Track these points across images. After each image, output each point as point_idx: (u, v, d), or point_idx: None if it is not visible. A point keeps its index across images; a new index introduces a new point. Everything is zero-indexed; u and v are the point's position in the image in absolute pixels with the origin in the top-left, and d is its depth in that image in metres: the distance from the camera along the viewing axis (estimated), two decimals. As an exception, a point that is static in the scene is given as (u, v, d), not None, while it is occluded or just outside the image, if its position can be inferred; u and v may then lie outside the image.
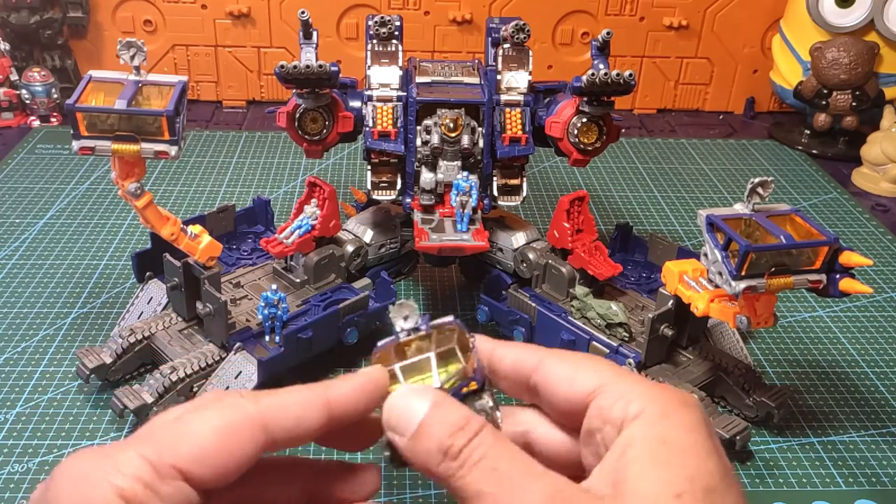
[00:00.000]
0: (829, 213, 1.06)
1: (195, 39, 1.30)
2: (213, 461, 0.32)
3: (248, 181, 1.08)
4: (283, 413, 0.34)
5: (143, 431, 0.33)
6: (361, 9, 1.28)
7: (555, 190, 1.08)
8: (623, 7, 1.31)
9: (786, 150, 1.26)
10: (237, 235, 0.79)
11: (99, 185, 1.04)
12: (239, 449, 0.33)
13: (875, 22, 1.17)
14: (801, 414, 0.69)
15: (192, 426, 0.33)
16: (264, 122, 1.28)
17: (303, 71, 0.63)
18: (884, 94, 1.19)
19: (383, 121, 0.70)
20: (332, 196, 0.71)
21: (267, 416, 0.33)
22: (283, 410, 0.34)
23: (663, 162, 1.20)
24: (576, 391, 0.35)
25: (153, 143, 0.57)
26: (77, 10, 1.24)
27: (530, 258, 0.73)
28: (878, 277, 0.91)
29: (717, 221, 0.55)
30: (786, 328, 0.80)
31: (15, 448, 0.62)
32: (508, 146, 0.71)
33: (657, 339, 0.65)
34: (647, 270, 0.76)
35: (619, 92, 0.66)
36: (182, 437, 0.32)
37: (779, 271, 0.54)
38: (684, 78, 1.38)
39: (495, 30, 0.73)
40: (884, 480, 0.62)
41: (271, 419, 0.34)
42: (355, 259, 0.75)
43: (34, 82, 1.21)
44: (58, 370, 0.70)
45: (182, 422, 0.33)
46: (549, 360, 0.37)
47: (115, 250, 0.89)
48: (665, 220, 1.02)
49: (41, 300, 0.80)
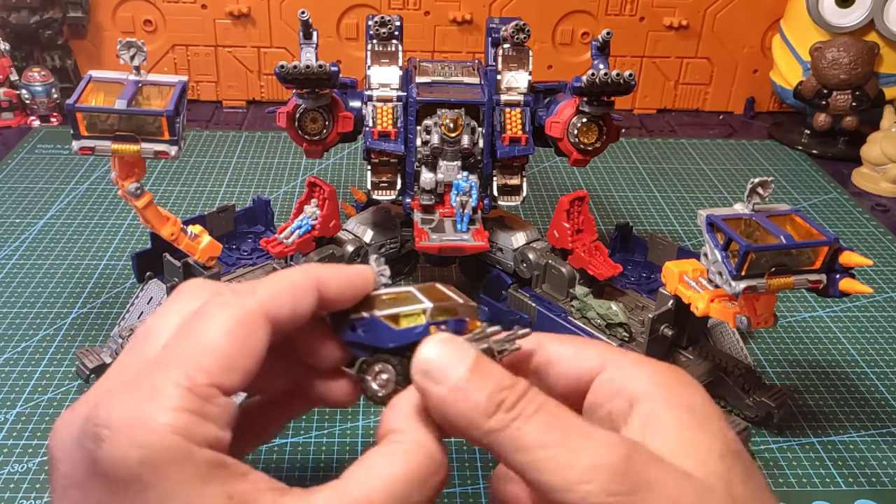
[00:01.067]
0: (829, 213, 1.06)
1: (195, 39, 1.30)
2: (238, 365, 0.31)
3: (248, 181, 1.08)
4: (279, 300, 0.33)
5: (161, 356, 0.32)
6: (361, 9, 1.28)
7: (555, 190, 1.08)
8: (623, 7, 1.31)
9: (786, 150, 1.26)
10: (237, 235, 0.79)
11: (99, 185, 1.04)
12: (255, 345, 0.32)
13: (875, 22, 1.17)
14: (801, 414, 0.69)
15: (205, 336, 0.31)
16: (264, 122, 1.28)
17: (303, 71, 0.63)
18: (884, 94, 1.19)
19: (383, 121, 0.70)
20: (332, 196, 0.71)
21: (267, 306, 0.33)
22: (279, 298, 0.33)
23: (663, 162, 1.20)
24: (579, 367, 0.36)
25: (153, 143, 0.57)
26: (77, 10, 1.24)
27: (530, 258, 0.73)
28: (878, 277, 0.91)
29: (717, 221, 0.55)
30: (786, 328, 0.80)
31: (15, 448, 0.62)
32: (508, 146, 0.71)
33: (657, 339, 0.64)
34: (647, 270, 0.76)
35: (619, 92, 0.66)
36: (202, 350, 0.31)
37: (779, 271, 0.54)
38: (684, 78, 1.38)
39: (495, 30, 0.73)
40: (884, 480, 0.62)
41: (271, 307, 0.33)
42: (355, 259, 0.75)
43: (34, 82, 1.21)
44: (58, 370, 0.70)
45: (193, 334, 0.32)
46: (547, 342, 0.37)
47: (115, 250, 0.89)
48: (665, 220, 1.02)
49: (41, 300, 0.80)
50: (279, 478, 0.31)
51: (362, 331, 0.36)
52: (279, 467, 0.60)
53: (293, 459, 0.61)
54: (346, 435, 0.64)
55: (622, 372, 0.34)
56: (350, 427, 0.65)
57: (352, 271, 0.36)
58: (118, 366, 0.33)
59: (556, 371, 0.36)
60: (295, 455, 0.62)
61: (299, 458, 0.62)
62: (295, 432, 0.64)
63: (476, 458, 0.62)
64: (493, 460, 0.62)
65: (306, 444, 0.63)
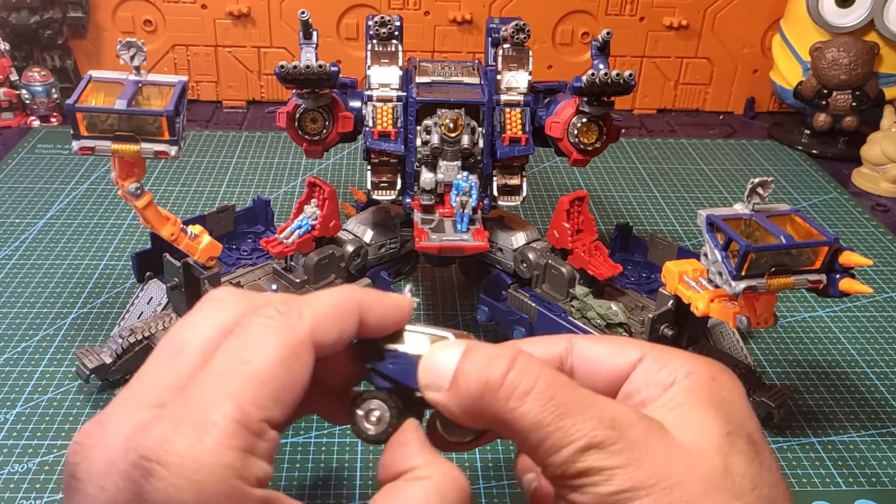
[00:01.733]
0: (829, 213, 1.06)
1: (195, 39, 1.30)
2: (288, 398, 0.30)
3: (248, 181, 1.08)
4: (327, 325, 0.32)
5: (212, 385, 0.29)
6: (361, 9, 1.28)
7: (555, 190, 1.08)
8: (623, 7, 1.31)
9: (786, 150, 1.26)
10: (237, 235, 0.79)
11: (99, 185, 1.04)
12: (304, 375, 0.31)
13: (875, 22, 1.17)
14: (801, 414, 0.69)
15: (257, 365, 0.30)
16: (264, 122, 1.28)
17: (303, 71, 0.63)
18: (884, 94, 1.19)
19: (383, 121, 0.70)
20: (332, 196, 0.71)
21: (315, 331, 0.32)
22: (327, 322, 0.32)
23: (663, 162, 1.20)
24: (619, 363, 0.36)
25: (153, 143, 0.57)
26: (77, 10, 1.24)
27: (530, 258, 0.73)
28: (878, 277, 0.91)
29: (717, 221, 0.55)
30: (786, 328, 0.80)
31: (15, 448, 0.62)
32: (508, 146, 0.71)
33: (657, 339, 0.64)
34: (647, 270, 0.76)
35: (619, 92, 0.66)
36: (255, 381, 0.29)
37: (779, 271, 0.54)
38: (684, 78, 1.38)
39: (495, 30, 0.73)
40: (884, 480, 0.62)
41: (318, 333, 0.32)
42: (355, 259, 0.75)
43: (34, 82, 1.21)
44: (58, 370, 0.70)
45: (244, 361, 0.30)
46: (580, 342, 0.37)
47: (115, 250, 0.89)
48: (665, 220, 1.02)
49: (41, 300, 0.80)
50: (279, 478, 0.31)
51: (391, 363, 0.35)
52: (279, 467, 0.60)
53: (293, 459, 0.61)
54: (346, 435, 0.64)
55: (659, 362, 0.35)
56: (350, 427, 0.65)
57: (393, 301, 0.35)
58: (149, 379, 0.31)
59: (595, 371, 0.36)
60: (295, 455, 0.62)
61: (299, 457, 0.61)
62: (295, 432, 0.64)
63: (476, 458, 0.62)
64: (492, 460, 0.63)
65: (306, 444, 0.63)
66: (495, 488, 0.60)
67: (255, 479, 0.28)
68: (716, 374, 0.34)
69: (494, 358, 0.32)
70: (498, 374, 0.31)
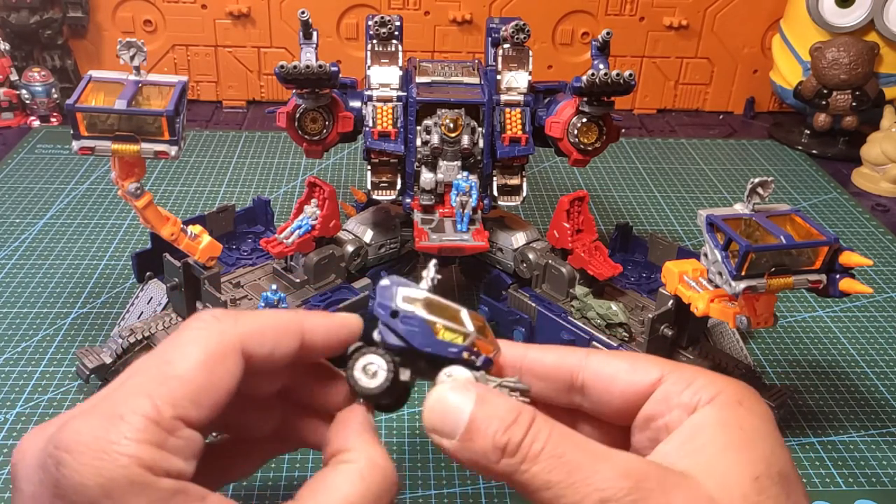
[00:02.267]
0: (829, 213, 1.06)
1: (195, 39, 1.30)
2: (207, 399, 0.31)
3: (248, 181, 1.08)
4: (260, 338, 0.33)
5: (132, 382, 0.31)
6: (361, 9, 1.28)
7: (555, 190, 1.08)
8: (623, 7, 1.31)
9: (786, 150, 1.26)
10: (237, 235, 0.79)
11: (99, 185, 1.04)
12: (227, 379, 0.32)
13: (875, 22, 1.17)
14: (801, 414, 0.69)
15: (177, 365, 0.31)
16: (264, 122, 1.28)
17: (303, 71, 0.63)
18: (884, 94, 1.19)
19: (383, 121, 0.70)
20: (332, 196, 0.71)
21: (246, 340, 0.32)
22: (261, 335, 0.33)
23: (663, 162, 1.20)
24: (638, 382, 0.35)
25: (153, 143, 0.57)
26: (77, 10, 1.24)
27: (530, 258, 0.73)
28: (878, 277, 0.91)
29: (717, 221, 0.55)
30: (786, 328, 0.80)
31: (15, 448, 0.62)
32: (508, 146, 0.71)
33: (657, 339, 0.64)
34: (647, 270, 0.76)
35: (619, 92, 0.66)
36: (172, 380, 0.31)
37: (779, 271, 0.54)
38: (684, 78, 1.38)
39: (495, 30, 0.73)
40: (884, 480, 0.62)
41: (249, 342, 0.32)
42: (355, 259, 0.75)
43: (34, 82, 1.21)
44: (58, 370, 0.70)
45: (165, 361, 0.31)
46: (595, 358, 0.37)
47: (115, 250, 0.89)
48: (665, 220, 1.02)
49: (41, 300, 0.80)
50: (278, 478, 0.31)
51: (402, 322, 0.35)
52: (279, 467, 0.60)
53: (293, 459, 0.61)
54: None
55: (682, 384, 0.34)
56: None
57: (338, 322, 0.36)
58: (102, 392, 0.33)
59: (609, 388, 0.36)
60: (294, 455, 0.62)
61: (299, 458, 0.61)
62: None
63: (476, 458, 0.62)
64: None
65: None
66: (495, 488, 0.60)
67: (163, 471, 0.29)
68: (742, 398, 0.33)
69: (510, 419, 0.31)
70: (516, 440, 0.31)
